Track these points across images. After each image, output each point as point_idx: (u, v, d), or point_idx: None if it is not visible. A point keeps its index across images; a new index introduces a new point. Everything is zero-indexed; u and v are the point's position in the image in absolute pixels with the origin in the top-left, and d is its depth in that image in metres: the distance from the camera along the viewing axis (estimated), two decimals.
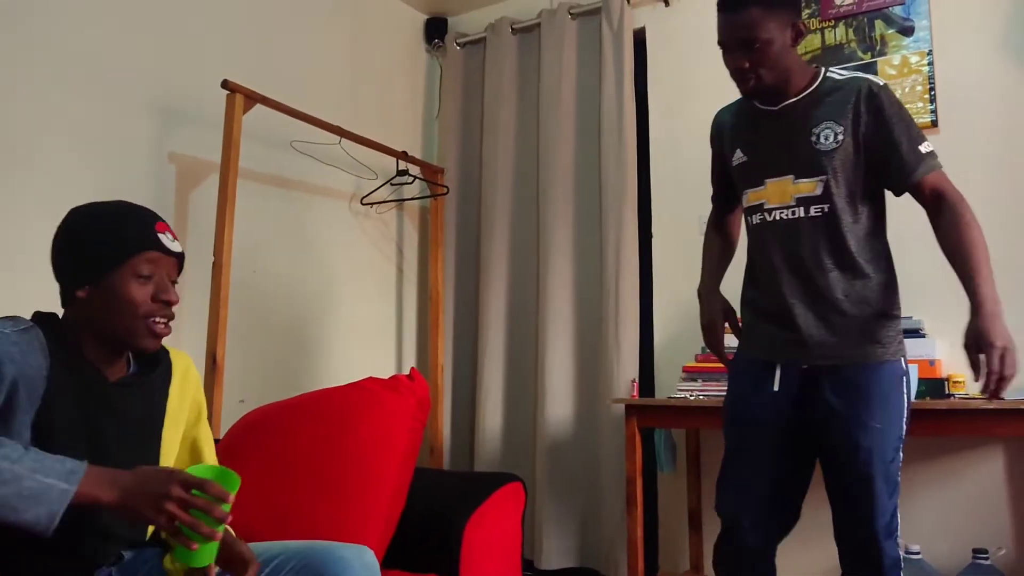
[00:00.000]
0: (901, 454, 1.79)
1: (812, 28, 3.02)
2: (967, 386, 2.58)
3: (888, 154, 1.76)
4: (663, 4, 3.34)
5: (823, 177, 1.77)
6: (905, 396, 1.79)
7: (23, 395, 1.26)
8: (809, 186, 1.78)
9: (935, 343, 2.64)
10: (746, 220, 1.94)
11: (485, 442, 3.37)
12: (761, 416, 1.84)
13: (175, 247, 1.41)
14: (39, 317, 1.38)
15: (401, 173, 3.30)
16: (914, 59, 2.83)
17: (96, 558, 1.38)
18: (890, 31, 2.89)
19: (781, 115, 1.84)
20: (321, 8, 3.29)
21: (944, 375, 2.59)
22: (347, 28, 3.42)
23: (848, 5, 2.96)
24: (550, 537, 3.17)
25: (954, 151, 2.76)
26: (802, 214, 1.80)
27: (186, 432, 1.56)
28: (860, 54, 2.92)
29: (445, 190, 3.51)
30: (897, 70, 2.86)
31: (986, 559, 2.44)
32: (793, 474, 1.88)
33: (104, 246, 1.36)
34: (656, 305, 3.25)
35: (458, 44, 3.78)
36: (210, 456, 1.58)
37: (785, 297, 1.82)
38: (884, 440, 1.73)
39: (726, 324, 2.03)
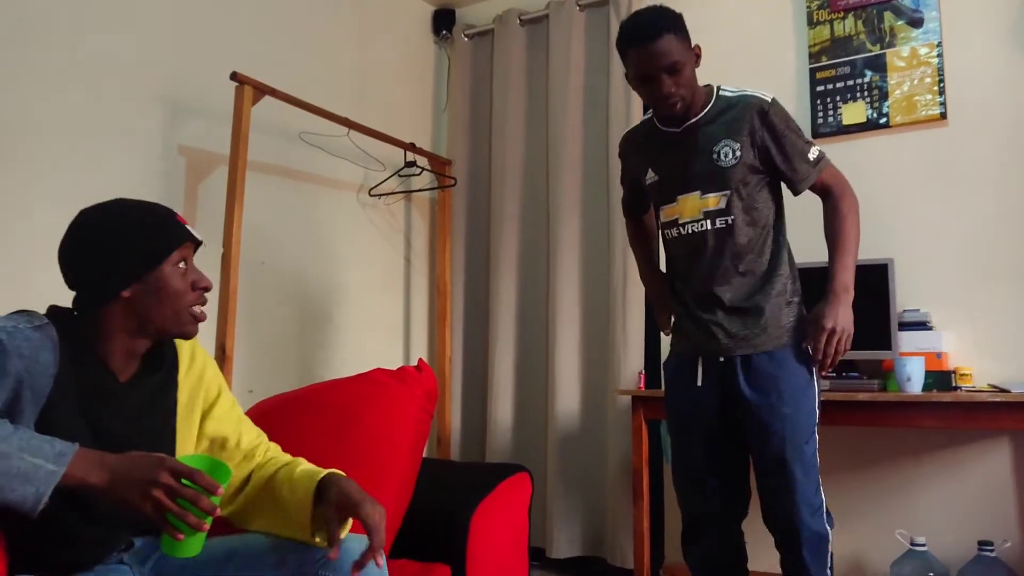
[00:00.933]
0: (817, 434, 1.94)
1: (821, 19, 3.01)
2: (974, 379, 2.58)
3: (782, 165, 1.98)
4: None
5: (726, 192, 1.97)
6: (814, 378, 1.97)
7: (28, 393, 1.27)
8: (714, 200, 1.98)
9: (942, 336, 2.64)
10: (662, 234, 2.13)
11: (496, 433, 3.39)
12: (693, 408, 2.04)
13: (198, 235, 1.47)
14: (54, 313, 1.39)
15: (409, 164, 3.32)
16: (923, 51, 2.82)
17: (107, 544, 1.39)
18: (899, 22, 2.87)
19: (684, 136, 2.01)
20: (329, 0, 3.30)
21: (951, 368, 2.60)
22: (355, 20, 3.43)
23: None
24: (560, 526, 3.19)
25: (963, 143, 2.77)
26: (709, 226, 1.99)
27: (205, 412, 1.56)
28: (869, 46, 2.92)
29: (453, 181, 3.52)
30: (906, 62, 2.85)
31: (991, 551, 2.45)
32: (734, 457, 2.05)
33: (148, 244, 1.39)
34: None
35: (466, 35, 3.79)
36: (233, 440, 1.56)
37: (699, 301, 2.03)
38: (796, 423, 1.90)
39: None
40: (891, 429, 2.75)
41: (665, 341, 3.20)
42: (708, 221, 1.99)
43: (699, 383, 2.02)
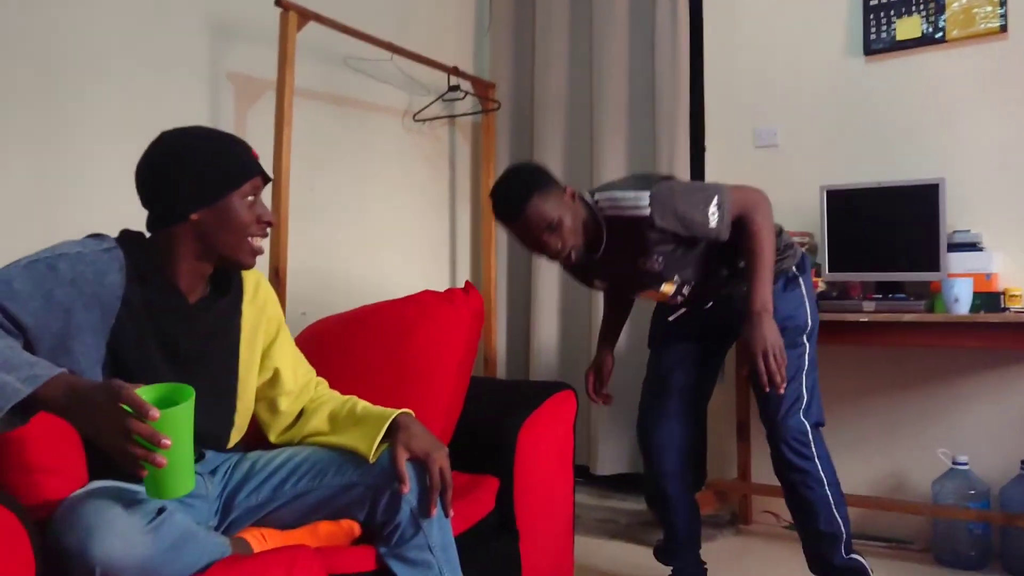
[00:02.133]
0: (808, 343, 2.09)
1: None
2: None
3: (699, 237, 2.00)
4: None
5: (674, 278, 2.09)
6: (803, 289, 2.13)
7: (85, 316, 1.33)
8: (668, 287, 2.11)
9: (992, 256, 2.61)
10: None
11: (540, 353, 3.46)
12: (674, 330, 2.27)
13: (268, 172, 1.51)
14: (125, 236, 1.46)
15: (452, 89, 3.31)
16: None
17: None
18: None
19: (607, 260, 2.07)
20: None
21: (1000, 289, 2.57)
22: None
23: None
24: (604, 444, 3.27)
25: (1016, 61, 2.67)
26: (684, 295, 2.15)
27: (265, 348, 1.63)
28: None
29: (497, 105, 3.51)
30: None
31: None
32: (700, 382, 2.30)
33: (222, 170, 1.44)
34: None
35: None
36: (290, 379, 1.64)
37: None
38: (782, 329, 1.98)
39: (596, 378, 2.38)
40: (936, 349, 2.75)
41: None
42: (677, 295, 2.14)
43: (671, 319, 2.26)
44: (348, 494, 1.51)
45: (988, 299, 2.51)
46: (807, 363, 2.09)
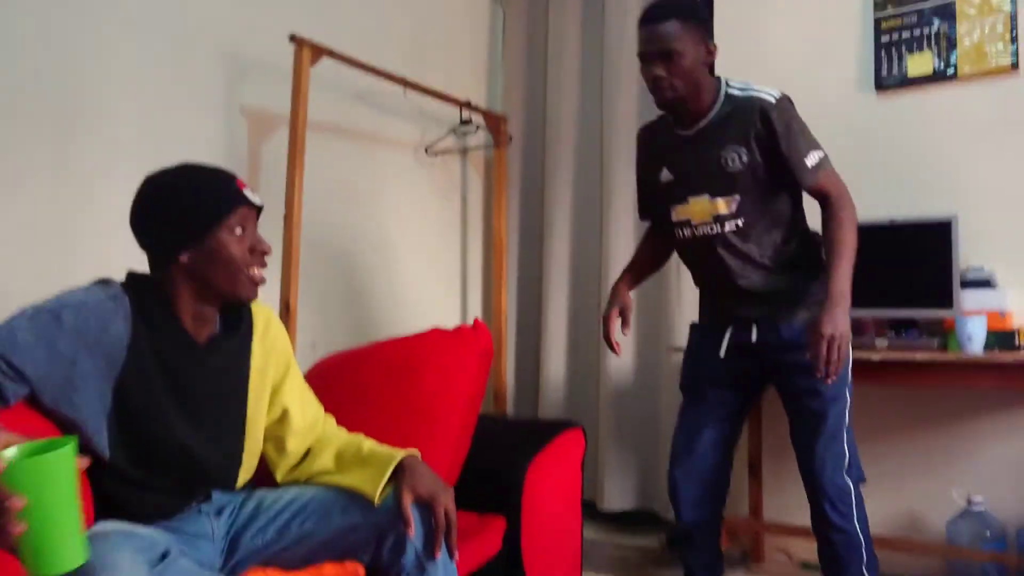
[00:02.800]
0: (849, 396, 2.03)
1: None
2: None
3: (783, 165, 1.98)
4: None
5: (735, 196, 2.01)
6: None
7: (89, 366, 1.34)
8: (724, 205, 2.02)
9: (1006, 294, 2.59)
10: (673, 231, 2.16)
11: (549, 388, 3.44)
12: (710, 374, 2.15)
13: (257, 200, 1.49)
14: (132, 280, 1.46)
15: (465, 122, 3.33)
16: None
17: (185, 495, 1.49)
18: None
19: (695, 139, 2.05)
20: None
21: (1015, 327, 2.54)
22: None
23: None
24: (612, 480, 3.25)
25: None
26: (720, 230, 2.04)
27: (275, 387, 1.62)
28: None
29: (509, 138, 3.53)
30: (977, 9, 2.74)
31: None
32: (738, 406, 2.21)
33: (201, 209, 1.42)
34: None
35: None
36: (298, 417, 1.63)
37: (722, 291, 2.11)
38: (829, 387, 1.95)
39: (620, 319, 2.25)
40: (950, 388, 2.72)
41: None
42: (718, 225, 2.04)
43: (722, 354, 2.10)
44: (353, 535, 1.50)
45: (1002, 337, 2.48)
46: (848, 418, 2.04)
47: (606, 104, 3.40)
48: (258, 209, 1.50)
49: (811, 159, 1.97)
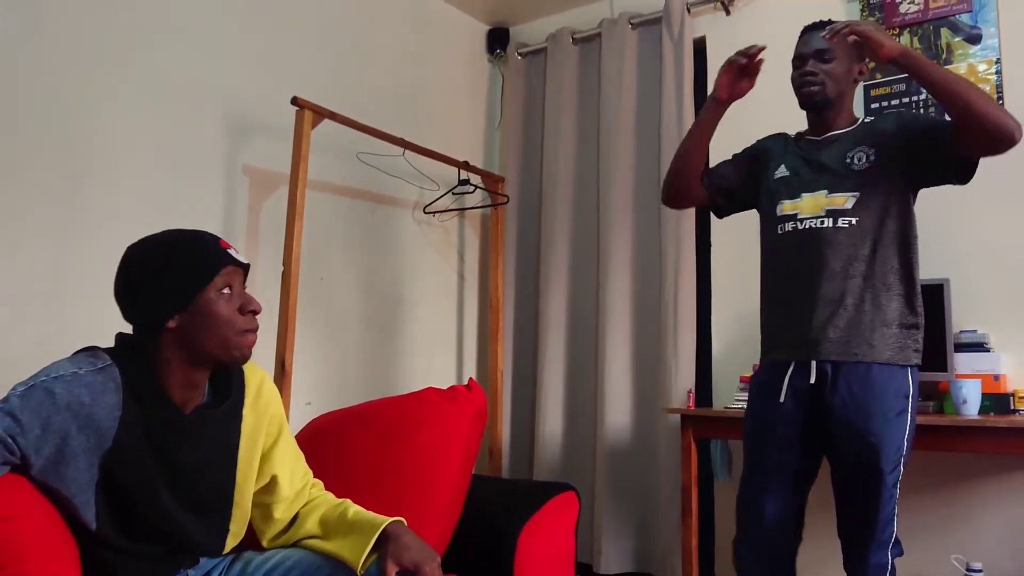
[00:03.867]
0: (903, 467, 1.90)
1: None
2: None
3: (918, 155, 1.94)
4: (723, 13, 3.34)
5: (855, 193, 1.97)
6: (908, 409, 1.91)
7: (80, 440, 1.31)
8: (840, 199, 1.97)
9: (1000, 357, 2.60)
10: (775, 228, 2.09)
11: (544, 448, 3.42)
12: (772, 425, 2.01)
13: (242, 258, 1.46)
14: (120, 347, 1.43)
15: (463, 183, 3.38)
16: (981, 67, 2.78)
17: (173, 562, 1.47)
18: (956, 39, 2.84)
19: (823, 143, 2.07)
20: (386, 22, 3.38)
21: (1010, 390, 2.54)
22: (411, 40, 3.51)
23: (914, 13, 2.92)
24: (609, 542, 3.20)
25: (1023, 161, 2.71)
26: (830, 223, 1.97)
27: (265, 452, 1.60)
28: None
29: (506, 199, 3.58)
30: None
31: None
32: (803, 477, 2.04)
33: (187, 271, 1.40)
34: (714, 315, 3.25)
35: (519, 54, 3.84)
36: (287, 485, 1.61)
37: (802, 297, 1.97)
38: (879, 450, 1.86)
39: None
40: (947, 454, 2.71)
41: (717, 361, 3.21)
42: (829, 219, 1.96)
43: (782, 399, 1.97)
44: None
45: (997, 400, 2.48)
46: (898, 492, 1.92)
47: (602, 165, 3.45)
48: (245, 268, 1.47)
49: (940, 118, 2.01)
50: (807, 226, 1.99)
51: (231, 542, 1.55)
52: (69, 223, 2.27)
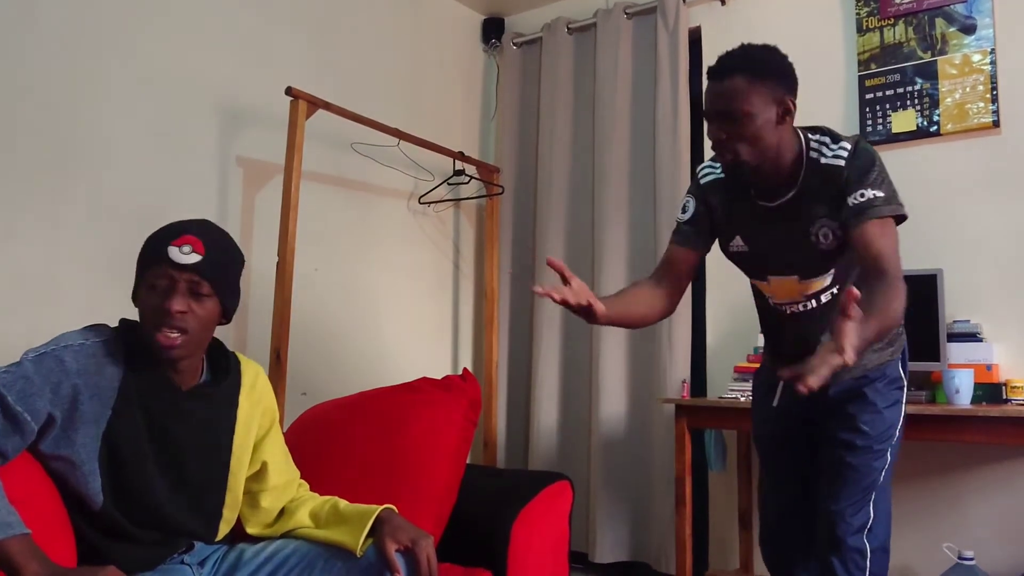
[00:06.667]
0: (890, 457, 1.89)
1: (871, 26, 2.98)
2: None
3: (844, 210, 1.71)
4: (719, 3, 3.33)
5: (829, 272, 1.81)
6: (901, 402, 1.91)
7: (89, 407, 1.38)
8: (819, 283, 1.82)
9: (992, 348, 2.61)
10: (752, 287, 2.00)
11: (540, 438, 3.43)
12: (772, 428, 2.02)
13: (184, 260, 1.42)
14: (124, 325, 1.50)
15: (458, 173, 3.37)
16: (976, 57, 2.78)
17: (167, 546, 1.49)
18: (951, 29, 2.84)
19: (777, 212, 1.80)
20: (381, 12, 3.37)
21: (1002, 380, 2.56)
22: (406, 30, 3.50)
23: (908, 3, 2.92)
24: (604, 531, 3.22)
25: (1016, 151, 2.72)
26: (813, 305, 1.85)
27: (257, 442, 1.64)
28: (920, 53, 2.88)
29: (501, 189, 3.58)
30: (958, 69, 2.81)
31: None
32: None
33: (139, 262, 1.49)
34: (708, 306, 3.26)
35: (515, 44, 3.83)
36: (276, 474, 1.65)
37: (794, 347, 1.85)
38: (871, 436, 1.85)
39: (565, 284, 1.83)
40: (939, 442, 2.72)
41: (711, 351, 3.22)
42: (812, 301, 1.84)
43: (775, 403, 1.97)
44: None
45: (989, 390, 2.50)
46: (883, 478, 1.87)
47: (598, 155, 3.45)
48: (188, 269, 1.43)
49: (876, 192, 1.66)
50: (790, 311, 1.88)
51: (223, 528, 1.58)
52: (61, 214, 2.27)
